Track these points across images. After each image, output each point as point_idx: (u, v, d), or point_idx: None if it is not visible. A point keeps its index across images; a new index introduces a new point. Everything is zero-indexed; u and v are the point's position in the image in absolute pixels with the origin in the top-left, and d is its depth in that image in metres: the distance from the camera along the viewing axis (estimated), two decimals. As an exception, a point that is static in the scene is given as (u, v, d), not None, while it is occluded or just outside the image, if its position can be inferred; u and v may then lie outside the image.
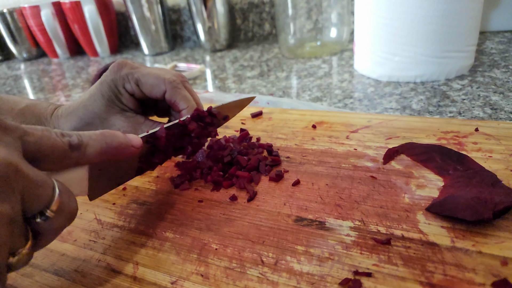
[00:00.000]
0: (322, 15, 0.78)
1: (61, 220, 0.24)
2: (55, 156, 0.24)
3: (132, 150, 0.30)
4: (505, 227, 0.26)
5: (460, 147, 0.36)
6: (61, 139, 0.25)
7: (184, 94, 0.38)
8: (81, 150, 0.26)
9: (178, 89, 0.38)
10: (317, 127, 0.45)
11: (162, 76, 0.38)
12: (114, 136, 0.28)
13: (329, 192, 0.33)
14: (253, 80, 0.72)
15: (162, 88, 0.38)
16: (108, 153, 0.28)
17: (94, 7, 1.02)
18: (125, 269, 0.28)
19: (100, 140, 0.27)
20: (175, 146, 0.37)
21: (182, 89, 0.38)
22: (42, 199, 0.22)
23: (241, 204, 0.33)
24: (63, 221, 0.24)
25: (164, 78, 0.38)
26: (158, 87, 0.38)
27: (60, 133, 0.25)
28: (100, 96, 0.39)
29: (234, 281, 0.26)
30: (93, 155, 0.27)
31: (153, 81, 0.38)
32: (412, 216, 0.29)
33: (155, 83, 0.38)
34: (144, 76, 0.38)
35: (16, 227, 0.21)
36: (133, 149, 0.30)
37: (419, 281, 0.23)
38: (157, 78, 0.38)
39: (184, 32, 1.10)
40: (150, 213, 0.34)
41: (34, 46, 1.22)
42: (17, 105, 0.40)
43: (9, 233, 0.20)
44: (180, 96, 0.38)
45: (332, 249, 0.27)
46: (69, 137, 0.25)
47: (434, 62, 0.56)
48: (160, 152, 0.36)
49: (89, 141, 0.27)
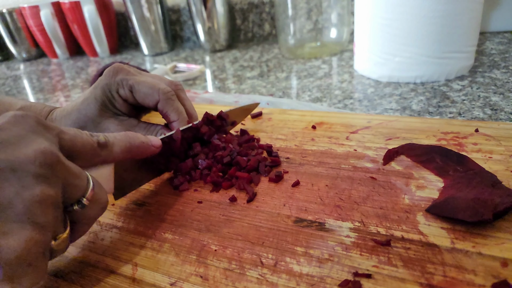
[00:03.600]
0: (322, 15, 0.78)
1: (95, 210, 0.26)
2: (86, 152, 0.27)
3: (153, 149, 0.33)
4: (505, 228, 0.26)
5: (460, 148, 0.36)
6: (90, 138, 0.28)
7: (176, 106, 0.39)
8: (108, 148, 0.29)
9: (171, 101, 0.39)
10: (317, 127, 0.45)
11: (157, 86, 0.38)
12: (136, 137, 0.32)
13: (328, 193, 0.33)
14: (253, 80, 0.72)
15: (155, 97, 0.38)
16: (132, 151, 0.31)
17: (94, 7, 1.02)
18: (124, 270, 0.28)
19: (124, 139, 0.30)
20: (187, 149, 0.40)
21: (175, 101, 0.39)
22: (79, 189, 0.25)
23: (240, 205, 0.33)
24: (96, 210, 0.27)
25: (158, 88, 0.38)
26: (152, 96, 0.39)
27: (90, 133, 0.28)
28: (93, 100, 0.39)
29: (234, 283, 0.25)
30: (119, 153, 0.30)
31: (146, 90, 0.38)
32: (412, 217, 0.29)
33: (149, 92, 0.38)
34: (139, 84, 0.38)
35: (58, 212, 0.23)
36: (153, 148, 0.33)
37: (419, 282, 0.23)
38: (151, 87, 0.38)
39: (184, 32, 1.10)
40: (149, 214, 0.34)
41: (33, 46, 1.22)
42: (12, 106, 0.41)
43: (54, 216, 0.23)
44: (172, 108, 0.39)
45: (331, 250, 0.27)
46: (97, 137, 0.28)
47: (434, 62, 0.56)
48: (175, 154, 0.38)
49: (115, 141, 0.30)
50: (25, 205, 0.21)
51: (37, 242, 0.21)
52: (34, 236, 0.21)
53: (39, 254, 0.21)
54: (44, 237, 0.22)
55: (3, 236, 0.20)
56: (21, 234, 0.20)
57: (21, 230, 0.21)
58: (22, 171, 0.22)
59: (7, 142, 0.22)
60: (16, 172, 0.21)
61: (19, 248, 0.20)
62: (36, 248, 0.21)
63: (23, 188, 0.21)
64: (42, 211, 0.22)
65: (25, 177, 0.22)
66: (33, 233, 0.21)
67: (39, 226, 0.21)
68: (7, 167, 0.21)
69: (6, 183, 0.21)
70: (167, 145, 0.36)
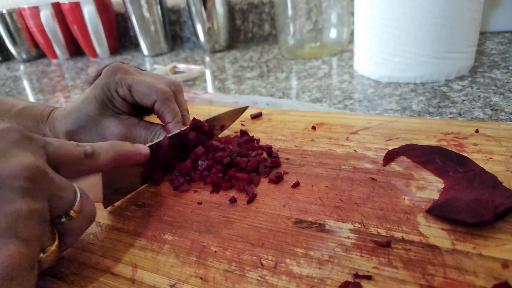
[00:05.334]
0: (322, 15, 0.78)
1: (82, 221, 0.26)
2: (71, 163, 0.27)
3: (140, 157, 0.33)
4: (506, 229, 0.26)
5: (461, 148, 0.36)
6: (76, 148, 0.28)
7: (173, 107, 0.39)
8: (95, 157, 0.29)
9: (168, 101, 0.39)
10: (316, 128, 0.45)
11: (155, 85, 0.38)
12: (123, 145, 0.31)
13: (329, 194, 0.33)
14: (253, 81, 0.72)
15: (153, 97, 0.38)
16: (119, 160, 0.31)
17: (94, 8, 1.02)
18: (123, 271, 0.28)
19: (110, 148, 0.30)
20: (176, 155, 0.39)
21: (172, 102, 0.39)
22: (65, 201, 0.25)
23: (240, 206, 0.33)
24: (84, 222, 0.26)
25: (156, 88, 0.38)
26: (149, 96, 0.38)
27: (76, 143, 0.28)
28: (93, 99, 0.39)
29: (234, 284, 0.25)
30: (105, 162, 0.30)
31: (144, 89, 0.38)
32: (412, 218, 0.29)
33: (147, 92, 0.38)
34: (137, 83, 0.38)
35: (45, 225, 0.23)
36: (140, 156, 0.33)
37: (420, 284, 0.23)
38: (150, 87, 0.38)
39: (184, 33, 1.10)
40: (149, 215, 0.34)
41: (33, 47, 1.22)
42: (14, 107, 0.41)
43: (40, 229, 0.23)
44: (168, 109, 0.39)
45: (332, 252, 0.27)
46: (83, 147, 0.28)
47: (434, 63, 0.56)
48: (162, 162, 0.38)
49: (101, 150, 0.30)
50: (9, 220, 0.21)
51: (23, 256, 0.21)
52: (19, 250, 0.21)
53: (26, 268, 0.21)
54: (30, 250, 0.22)
55: None
56: (5, 249, 0.20)
57: (5, 245, 0.20)
58: (5, 186, 0.21)
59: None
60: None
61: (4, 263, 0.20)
62: (22, 262, 0.21)
63: (6, 202, 0.21)
64: (27, 225, 0.21)
65: (8, 192, 0.21)
66: (19, 247, 0.21)
67: (24, 240, 0.21)
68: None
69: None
70: (154, 151, 0.36)
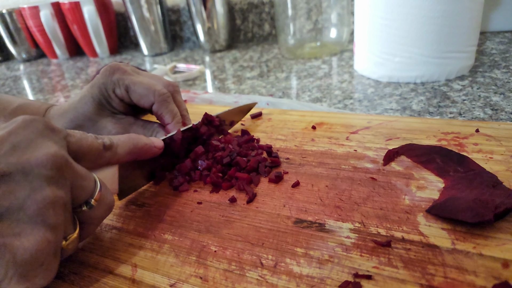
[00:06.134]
0: (322, 15, 0.78)
1: (102, 210, 0.27)
2: (91, 154, 0.28)
3: (155, 150, 0.34)
4: (506, 229, 0.26)
5: (461, 148, 0.36)
6: (96, 140, 0.29)
7: (171, 108, 0.39)
8: (113, 150, 0.30)
9: (166, 103, 0.39)
10: (317, 128, 0.45)
11: (152, 87, 0.38)
12: (140, 138, 0.32)
13: (329, 194, 0.33)
14: (253, 80, 0.72)
15: (150, 99, 0.38)
16: (135, 153, 0.32)
17: (94, 7, 1.02)
18: (123, 271, 0.28)
19: (128, 141, 0.31)
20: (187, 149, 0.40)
21: (170, 103, 0.39)
22: (86, 190, 0.26)
23: (240, 206, 0.33)
24: (104, 211, 0.27)
25: (154, 89, 0.38)
26: (147, 98, 0.38)
27: (95, 136, 0.29)
28: (90, 99, 0.39)
29: (233, 284, 0.25)
30: (123, 155, 0.31)
31: (142, 91, 0.38)
32: (413, 218, 0.29)
33: (144, 93, 0.38)
34: (135, 84, 0.38)
35: (68, 213, 0.24)
36: (155, 149, 0.34)
37: (420, 283, 0.23)
38: (147, 88, 0.38)
39: (184, 32, 1.10)
40: (149, 215, 0.34)
41: (33, 47, 1.22)
42: (10, 104, 0.41)
43: (64, 216, 0.23)
44: (167, 110, 0.39)
45: (332, 251, 0.27)
46: (102, 139, 0.29)
47: (434, 62, 0.56)
48: (174, 154, 0.39)
49: (119, 142, 0.31)
50: (37, 207, 0.22)
51: (49, 242, 0.22)
52: (46, 237, 0.22)
53: (51, 254, 0.22)
54: (56, 237, 0.22)
55: (16, 237, 0.21)
56: (34, 235, 0.21)
57: (33, 231, 0.21)
58: (33, 174, 0.22)
59: (17, 146, 0.23)
60: (27, 175, 0.22)
61: (32, 249, 0.21)
62: (48, 248, 0.22)
63: (34, 190, 0.22)
64: (53, 212, 0.22)
65: (36, 180, 0.22)
66: (45, 233, 0.22)
67: (50, 226, 0.22)
68: (19, 170, 0.22)
69: (18, 186, 0.22)
70: (168, 145, 0.37)
